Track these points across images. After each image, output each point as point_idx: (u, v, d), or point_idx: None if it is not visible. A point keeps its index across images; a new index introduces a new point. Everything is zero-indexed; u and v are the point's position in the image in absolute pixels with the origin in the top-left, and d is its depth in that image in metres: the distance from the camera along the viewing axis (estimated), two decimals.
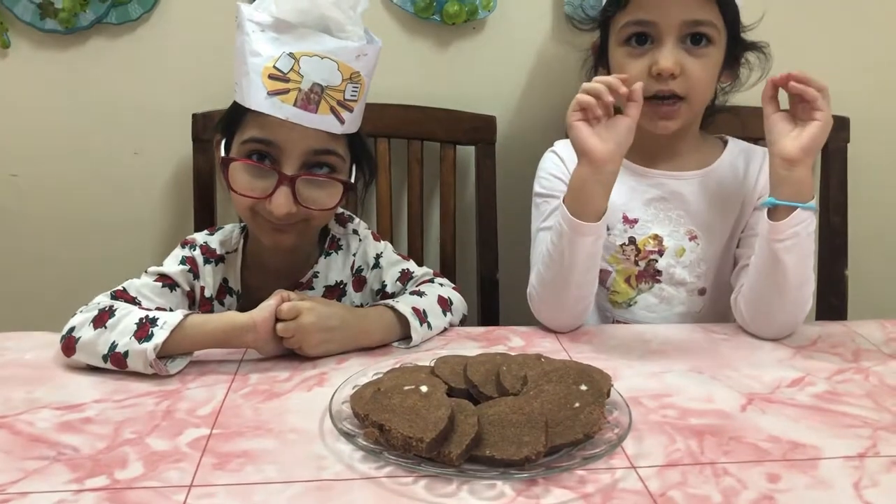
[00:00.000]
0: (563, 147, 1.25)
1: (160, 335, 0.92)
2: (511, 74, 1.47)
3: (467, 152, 1.47)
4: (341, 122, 1.04)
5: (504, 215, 1.47)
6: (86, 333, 0.95)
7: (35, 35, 1.38)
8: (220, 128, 1.09)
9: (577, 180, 1.06)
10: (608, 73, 1.18)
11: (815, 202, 1.04)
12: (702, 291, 1.22)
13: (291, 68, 1.00)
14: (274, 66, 1.00)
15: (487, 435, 0.76)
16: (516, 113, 1.49)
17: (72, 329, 0.97)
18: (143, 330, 0.93)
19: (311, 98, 1.00)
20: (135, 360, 0.93)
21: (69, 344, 0.96)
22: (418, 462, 0.75)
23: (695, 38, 1.11)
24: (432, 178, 1.47)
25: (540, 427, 0.75)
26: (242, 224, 1.17)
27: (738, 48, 1.17)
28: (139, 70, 1.41)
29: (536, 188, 1.25)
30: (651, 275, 1.21)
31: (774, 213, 1.05)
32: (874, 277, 1.59)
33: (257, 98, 1.00)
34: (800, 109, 1.05)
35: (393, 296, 1.17)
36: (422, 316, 1.07)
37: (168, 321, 0.94)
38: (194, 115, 1.38)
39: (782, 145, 1.04)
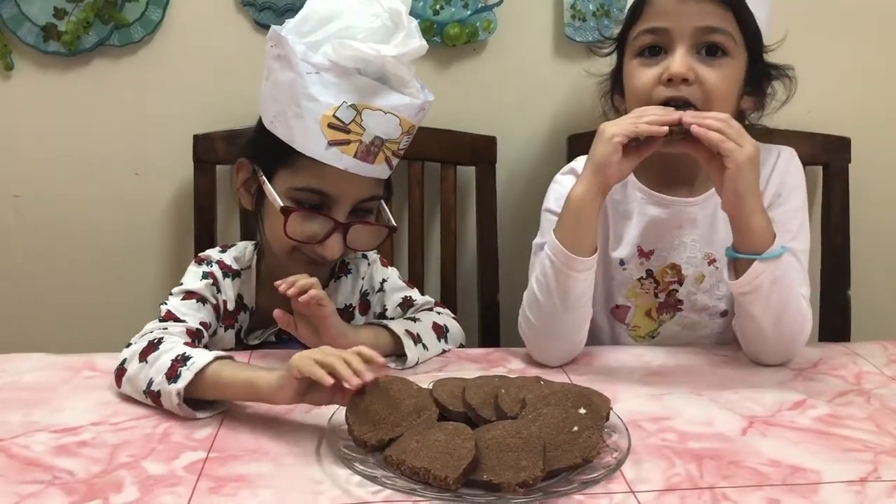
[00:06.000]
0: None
1: (186, 376, 0.89)
2: (511, 95, 1.48)
3: (468, 173, 1.48)
4: (391, 168, 1.07)
5: (505, 236, 1.47)
6: (132, 367, 0.94)
7: (38, 57, 1.38)
8: (251, 154, 1.09)
9: (576, 201, 1.02)
10: (623, 98, 1.16)
11: (777, 244, 1.00)
12: (723, 313, 1.18)
13: (353, 120, 1.00)
14: (334, 116, 0.99)
15: (485, 459, 0.76)
16: (516, 134, 1.49)
17: (124, 360, 0.96)
18: (174, 369, 0.90)
19: (371, 150, 1.02)
20: (166, 400, 0.90)
21: (119, 375, 0.95)
22: (415, 486, 0.74)
23: (710, 49, 1.07)
24: (433, 199, 1.47)
25: (538, 451, 0.75)
26: (255, 242, 1.18)
27: (761, 70, 1.13)
28: (141, 91, 1.42)
29: (549, 202, 1.18)
30: (672, 305, 1.18)
31: (737, 264, 1.01)
32: (877, 298, 1.58)
33: (317, 147, 1.01)
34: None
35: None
36: (415, 337, 1.07)
37: (197, 362, 0.90)
38: (195, 137, 1.38)
39: (722, 202, 1.00)
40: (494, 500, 0.73)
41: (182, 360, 0.91)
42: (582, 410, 0.82)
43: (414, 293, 1.20)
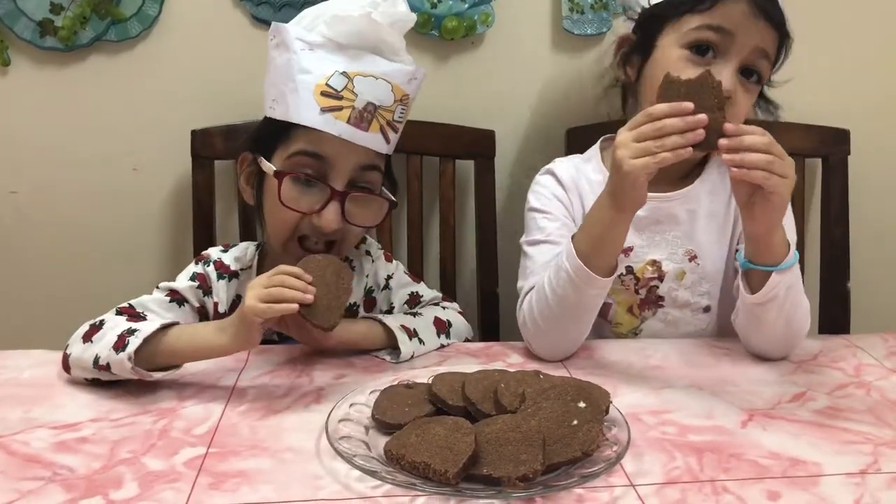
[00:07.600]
0: (562, 169, 1.20)
1: (134, 343, 0.91)
2: (510, 89, 1.47)
3: (466, 167, 1.47)
4: (388, 141, 1.07)
5: (503, 229, 1.47)
6: (76, 350, 0.96)
7: (35, 53, 1.38)
8: (251, 145, 1.10)
9: (610, 227, 0.99)
10: (633, 68, 1.14)
11: (792, 252, 0.99)
12: (706, 309, 1.18)
13: (345, 87, 1.02)
14: (326, 84, 1.02)
15: (485, 453, 0.76)
16: (515, 127, 1.49)
17: (66, 346, 0.97)
18: (121, 341, 0.92)
19: (364, 116, 1.03)
20: (117, 367, 0.91)
21: (65, 362, 0.97)
22: (415, 481, 0.74)
23: (747, 71, 1.07)
24: (431, 193, 1.47)
25: (537, 445, 0.75)
26: (257, 242, 1.18)
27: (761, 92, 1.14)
28: (138, 87, 1.41)
29: (532, 202, 1.21)
30: (653, 301, 1.18)
31: (750, 274, 1.01)
32: (877, 289, 1.58)
33: (310, 114, 1.02)
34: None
35: None
36: (411, 332, 1.06)
37: (143, 330, 0.93)
38: (193, 132, 1.37)
39: (746, 220, 0.97)
40: (494, 494, 0.73)
41: (128, 332, 0.93)
42: (581, 404, 0.82)
43: (421, 288, 1.20)
